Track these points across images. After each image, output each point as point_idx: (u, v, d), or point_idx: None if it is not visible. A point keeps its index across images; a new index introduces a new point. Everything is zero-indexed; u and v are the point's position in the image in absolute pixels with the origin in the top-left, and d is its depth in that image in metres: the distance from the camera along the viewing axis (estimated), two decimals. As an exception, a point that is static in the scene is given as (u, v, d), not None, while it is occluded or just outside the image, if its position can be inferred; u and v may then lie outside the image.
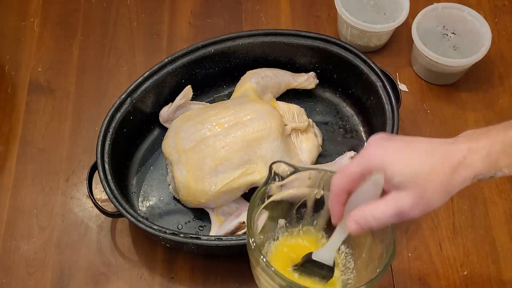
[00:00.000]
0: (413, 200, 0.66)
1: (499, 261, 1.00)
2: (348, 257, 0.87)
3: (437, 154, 0.66)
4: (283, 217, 0.89)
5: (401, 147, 0.68)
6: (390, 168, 0.66)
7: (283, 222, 0.89)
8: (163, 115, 1.07)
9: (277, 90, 1.10)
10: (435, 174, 0.65)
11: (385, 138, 0.70)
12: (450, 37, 1.18)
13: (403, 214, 0.67)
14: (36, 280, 0.99)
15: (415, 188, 0.66)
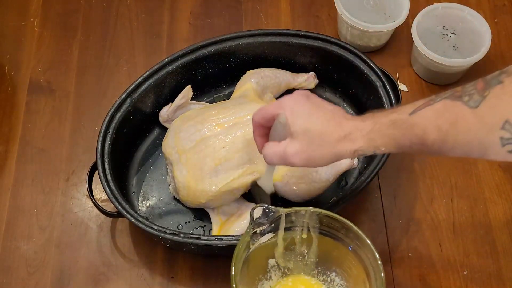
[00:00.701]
0: (298, 149, 0.77)
1: (499, 261, 1.00)
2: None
3: (331, 123, 0.77)
4: (272, 257, 0.90)
5: (307, 107, 0.79)
6: (290, 118, 0.78)
7: (273, 261, 0.90)
8: (163, 115, 1.07)
9: (277, 90, 1.10)
10: (323, 136, 0.76)
11: (304, 95, 0.80)
12: (450, 37, 1.18)
13: (286, 158, 0.78)
14: (36, 280, 0.99)
15: (303, 140, 0.77)
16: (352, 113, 1.12)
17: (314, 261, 0.90)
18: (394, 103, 1.02)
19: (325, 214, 0.85)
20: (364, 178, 0.96)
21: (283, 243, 0.88)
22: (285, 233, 0.87)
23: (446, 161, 1.09)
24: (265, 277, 0.91)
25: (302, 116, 0.78)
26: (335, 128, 0.76)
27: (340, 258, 0.88)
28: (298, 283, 0.91)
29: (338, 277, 0.90)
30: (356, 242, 0.84)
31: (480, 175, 1.07)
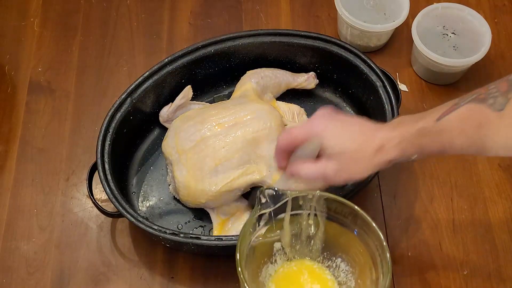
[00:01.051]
0: (338, 169, 0.80)
1: (499, 260, 1.00)
2: (349, 275, 0.89)
3: (363, 138, 0.80)
4: (278, 240, 0.89)
5: (338, 126, 0.82)
6: (325, 141, 0.80)
7: (279, 245, 0.90)
8: (163, 115, 1.07)
9: (277, 90, 1.10)
10: (359, 153, 0.79)
11: (328, 114, 0.83)
12: (450, 37, 1.18)
13: (327, 178, 0.81)
14: (36, 280, 0.99)
15: (341, 160, 0.80)
16: (352, 113, 1.12)
17: (320, 246, 0.90)
18: (394, 103, 1.02)
19: (333, 199, 0.85)
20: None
21: (289, 227, 0.88)
22: (292, 217, 0.87)
23: (446, 161, 1.09)
24: (270, 261, 0.90)
25: (334, 137, 0.81)
26: (367, 143, 0.79)
27: (346, 244, 0.88)
28: (302, 267, 0.91)
29: (343, 263, 0.89)
30: (363, 228, 0.84)
31: (480, 174, 1.07)
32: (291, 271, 0.91)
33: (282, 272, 0.90)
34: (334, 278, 0.90)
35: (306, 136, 0.82)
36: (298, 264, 0.91)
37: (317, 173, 0.81)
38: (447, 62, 1.10)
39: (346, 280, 0.89)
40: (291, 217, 0.87)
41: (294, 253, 0.91)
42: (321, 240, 0.90)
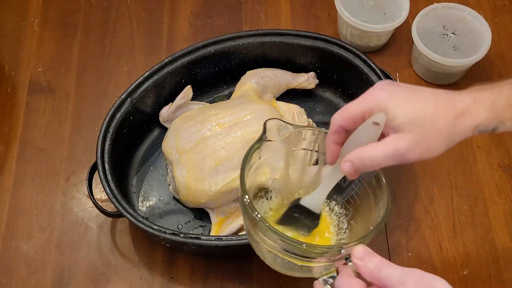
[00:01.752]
0: (412, 142, 0.65)
1: (499, 261, 1.00)
2: (342, 217, 0.85)
3: (441, 100, 0.66)
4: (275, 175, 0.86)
5: (405, 92, 0.67)
6: (392, 109, 0.66)
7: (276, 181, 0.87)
8: (163, 115, 1.07)
9: (277, 90, 1.10)
10: (438, 119, 0.65)
11: (391, 83, 0.69)
12: (450, 37, 1.18)
13: (400, 156, 0.66)
14: (36, 280, 0.99)
15: (415, 130, 0.65)
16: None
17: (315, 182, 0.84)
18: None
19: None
20: (364, 178, 0.96)
21: (290, 163, 0.84)
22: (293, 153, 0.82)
23: (446, 161, 1.09)
24: (266, 197, 0.87)
25: (403, 104, 0.66)
26: (447, 105, 0.66)
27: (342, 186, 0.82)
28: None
29: (337, 206, 0.85)
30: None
31: (480, 175, 1.07)
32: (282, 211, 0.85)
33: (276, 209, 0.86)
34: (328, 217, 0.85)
35: (366, 109, 0.67)
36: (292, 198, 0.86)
37: (387, 152, 0.66)
38: (447, 62, 1.10)
39: (338, 223, 0.84)
40: (292, 153, 0.82)
41: (289, 192, 0.86)
42: (317, 180, 0.84)
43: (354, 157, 0.68)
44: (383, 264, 0.65)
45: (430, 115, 0.66)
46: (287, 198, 0.87)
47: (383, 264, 0.65)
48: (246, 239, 0.92)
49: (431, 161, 1.08)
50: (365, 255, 0.67)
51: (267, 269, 0.99)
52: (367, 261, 0.66)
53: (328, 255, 0.70)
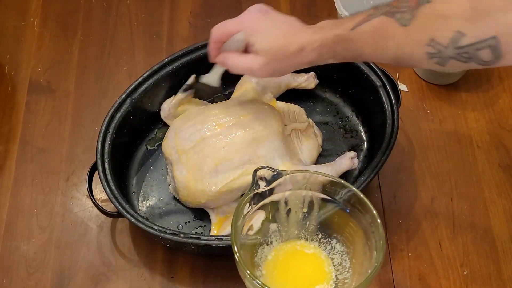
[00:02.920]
0: (262, 64, 0.85)
1: (499, 261, 1.00)
2: (344, 255, 0.88)
3: (287, 38, 0.84)
4: (274, 222, 0.89)
5: (268, 24, 0.86)
6: (253, 37, 0.86)
7: (275, 226, 0.90)
8: (165, 109, 1.07)
9: (277, 90, 1.10)
10: (283, 52, 0.84)
11: (262, 11, 0.88)
12: (450, 37, 1.18)
13: (252, 72, 0.88)
14: (36, 280, 0.99)
15: (267, 56, 0.85)
16: (352, 113, 1.12)
17: (315, 227, 0.90)
18: (394, 103, 1.02)
19: (327, 179, 0.85)
20: (364, 178, 0.96)
21: (284, 207, 0.88)
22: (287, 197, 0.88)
23: (446, 161, 1.09)
24: (266, 242, 0.90)
25: (262, 34, 0.86)
26: (292, 41, 0.84)
27: (340, 224, 0.88)
28: (297, 248, 0.91)
29: (338, 244, 0.89)
30: (357, 206, 0.84)
31: (480, 174, 1.07)
32: (286, 253, 0.90)
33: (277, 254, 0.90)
34: (330, 260, 0.89)
35: (236, 29, 0.88)
36: (293, 246, 0.91)
37: (244, 64, 0.87)
38: (447, 62, 1.10)
39: (341, 261, 0.89)
40: (285, 198, 0.87)
41: (290, 234, 0.91)
42: (316, 220, 0.90)
43: (224, 57, 0.91)
44: None
45: (278, 47, 0.84)
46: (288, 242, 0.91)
47: None
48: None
49: (431, 161, 1.08)
50: None
51: (267, 269, 0.99)
52: None
53: None
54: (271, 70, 0.86)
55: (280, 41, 0.84)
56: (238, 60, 0.88)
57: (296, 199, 0.88)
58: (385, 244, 0.80)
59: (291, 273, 0.89)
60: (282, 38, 0.85)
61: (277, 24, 0.86)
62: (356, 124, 1.11)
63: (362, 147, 1.08)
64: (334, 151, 1.08)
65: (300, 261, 0.91)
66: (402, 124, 1.10)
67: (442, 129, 1.12)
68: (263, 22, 0.87)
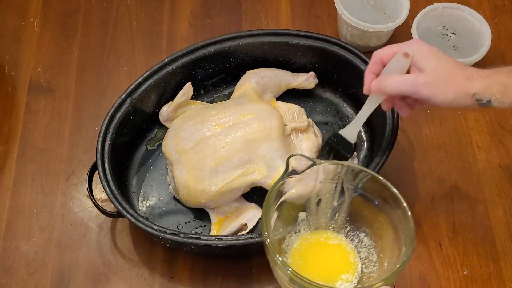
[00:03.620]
0: (431, 80, 0.84)
1: (499, 261, 1.00)
2: (371, 249, 0.89)
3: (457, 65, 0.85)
4: (304, 210, 0.89)
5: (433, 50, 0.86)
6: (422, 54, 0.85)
7: (304, 215, 0.90)
8: (163, 113, 1.07)
9: (277, 90, 1.10)
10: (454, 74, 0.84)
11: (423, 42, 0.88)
12: (450, 37, 1.18)
13: (417, 85, 0.84)
14: (36, 280, 0.99)
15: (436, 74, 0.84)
16: (352, 113, 1.12)
17: (344, 219, 0.90)
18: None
19: (360, 170, 0.85)
20: (364, 178, 0.96)
21: (315, 197, 0.88)
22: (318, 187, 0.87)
23: (446, 161, 1.09)
24: (294, 230, 0.90)
25: (429, 56, 0.85)
26: (461, 69, 0.84)
27: (370, 218, 0.88)
28: (325, 239, 0.91)
29: (366, 238, 0.89)
30: (389, 201, 0.83)
31: (480, 175, 1.07)
32: (313, 242, 0.90)
33: (304, 243, 0.90)
34: (356, 253, 0.89)
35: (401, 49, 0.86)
36: (320, 236, 0.91)
37: (407, 80, 0.84)
38: (447, 62, 1.10)
39: (368, 255, 0.89)
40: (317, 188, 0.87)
41: (318, 224, 0.91)
42: (346, 212, 0.90)
43: (382, 80, 0.86)
44: None
45: (448, 69, 0.84)
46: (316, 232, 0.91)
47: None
48: (246, 239, 0.92)
49: (431, 161, 1.08)
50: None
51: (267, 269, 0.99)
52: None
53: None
54: (437, 90, 0.84)
55: (449, 65, 0.84)
56: (400, 78, 0.85)
57: (327, 190, 0.88)
58: (414, 240, 0.79)
59: (316, 263, 0.89)
60: (451, 63, 0.85)
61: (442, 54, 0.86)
62: (356, 124, 1.11)
63: (362, 147, 1.08)
64: (334, 151, 1.08)
65: (326, 251, 0.91)
66: (402, 124, 1.10)
67: (442, 129, 1.12)
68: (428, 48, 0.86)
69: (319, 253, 0.90)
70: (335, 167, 0.86)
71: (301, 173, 0.83)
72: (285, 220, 0.88)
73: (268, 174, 0.97)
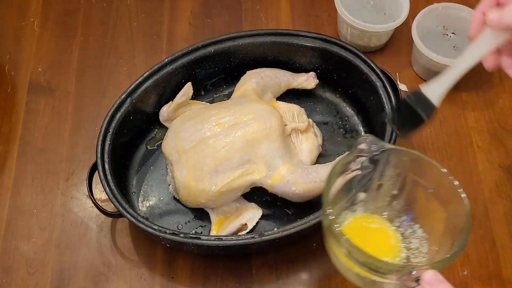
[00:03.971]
0: None
1: (499, 261, 1.00)
2: (423, 241, 0.87)
3: None
4: (364, 191, 0.89)
5: None
6: None
7: (363, 196, 0.89)
8: (163, 114, 1.07)
9: (277, 90, 1.10)
10: None
11: None
12: (450, 37, 1.18)
13: None
14: (36, 280, 0.99)
15: None
16: (352, 113, 1.12)
17: (402, 208, 0.89)
18: (394, 103, 1.02)
19: (427, 161, 0.83)
20: (364, 178, 0.96)
21: (377, 181, 0.87)
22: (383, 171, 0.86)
23: (446, 161, 1.09)
24: (351, 209, 0.90)
25: None
26: None
27: (427, 210, 0.86)
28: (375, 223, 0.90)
29: (420, 229, 0.88)
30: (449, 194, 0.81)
31: (480, 175, 1.07)
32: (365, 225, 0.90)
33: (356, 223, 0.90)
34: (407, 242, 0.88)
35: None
36: (374, 220, 0.90)
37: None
38: (447, 62, 1.10)
39: (419, 246, 0.87)
40: (380, 172, 0.86)
41: (375, 208, 0.90)
42: (404, 202, 0.88)
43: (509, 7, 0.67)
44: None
45: None
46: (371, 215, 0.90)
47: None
48: (246, 239, 0.92)
49: (431, 161, 1.08)
50: (434, 281, 0.71)
51: (267, 269, 0.99)
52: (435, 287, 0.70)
53: (398, 274, 0.74)
54: None
55: None
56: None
57: (390, 176, 0.87)
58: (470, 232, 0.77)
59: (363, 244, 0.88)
60: None
61: None
62: (356, 124, 1.11)
63: (362, 147, 1.08)
64: (334, 151, 1.08)
65: (376, 236, 0.90)
66: (402, 124, 1.10)
67: (442, 129, 1.12)
68: None
69: (367, 236, 0.89)
70: (403, 154, 0.84)
71: (369, 155, 0.82)
72: (344, 196, 0.87)
73: (268, 174, 0.97)
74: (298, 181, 0.97)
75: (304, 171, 0.97)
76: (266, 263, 1.00)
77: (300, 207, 1.01)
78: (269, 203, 1.03)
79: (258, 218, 1.00)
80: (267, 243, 0.93)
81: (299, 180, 0.97)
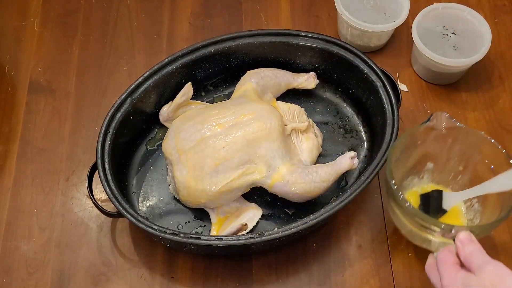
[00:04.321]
0: None
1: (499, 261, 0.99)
2: (477, 214, 0.96)
3: None
4: (432, 161, 0.98)
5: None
6: None
7: (431, 166, 0.98)
8: (163, 114, 1.07)
9: (277, 90, 1.10)
10: None
11: None
12: (450, 37, 1.18)
13: None
14: (36, 280, 0.99)
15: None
16: (352, 113, 1.12)
17: (467, 182, 0.97)
18: (394, 103, 1.02)
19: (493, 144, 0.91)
20: (364, 178, 0.96)
21: (446, 155, 0.96)
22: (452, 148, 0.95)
23: (446, 161, 1.09)
24: (418, 176, 0.99)
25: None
26: None
27: None
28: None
29: (478, 204, 0.96)
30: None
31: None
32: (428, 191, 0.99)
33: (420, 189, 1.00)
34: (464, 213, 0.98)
35: None
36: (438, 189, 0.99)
37: None
38: (447, 62, 1.10)
39: (474, 218, 0.97)
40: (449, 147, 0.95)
41: (441, 179, 1.00)
42: (469, 176, 0.96)
43: None
44: (476, 252, 0.79)
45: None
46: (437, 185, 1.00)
47: (476, 252, 0.79)
48: (246, 239, 0.92)
49: (431, 161, 1.09)
50: (466, 240, 0.80)
51: (267, 269, 0.99)
52: (465, 245, 0.80)
53: (440, 230, 0.86)
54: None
55: None
56: None
57: (457, 154, 0.96)
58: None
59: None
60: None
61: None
62: (356, 124, 1.11)
63: (362, 147, 1.08)
64: (334, 151, 1.08)
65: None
66: (402, 124, 1.10)
67: (442, 129, 1.12)
68: None
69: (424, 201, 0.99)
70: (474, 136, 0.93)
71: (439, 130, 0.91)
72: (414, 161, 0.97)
73: (268, 174, 0.97)
74: (298, 181, 0.97)
75: (304, 171, 0.97)
76: (266, 263, 1.00)
77: (300, 207, 1.01)
78: (269, 203, 1.03)
79: (258, 218, 1.00)
80: (267, 243, 0.93)
81: (299, 180, 0.97)
